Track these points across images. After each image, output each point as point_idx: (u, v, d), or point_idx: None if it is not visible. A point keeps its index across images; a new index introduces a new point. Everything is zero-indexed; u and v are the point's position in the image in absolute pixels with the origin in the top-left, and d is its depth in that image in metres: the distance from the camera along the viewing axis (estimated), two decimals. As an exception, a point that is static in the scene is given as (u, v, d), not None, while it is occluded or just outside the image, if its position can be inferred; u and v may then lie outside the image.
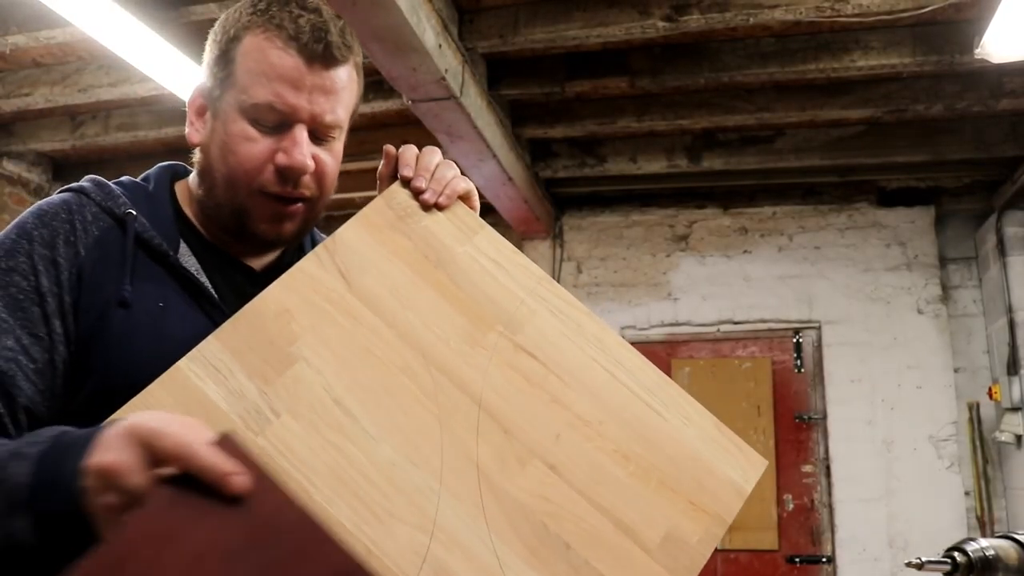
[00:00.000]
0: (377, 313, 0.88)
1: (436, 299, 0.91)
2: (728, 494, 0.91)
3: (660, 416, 0.93)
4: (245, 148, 0.91)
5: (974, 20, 3.05)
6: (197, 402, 0.76)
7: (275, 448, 0.76)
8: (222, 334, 0.81)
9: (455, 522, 0.79)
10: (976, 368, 4.51)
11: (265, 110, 0.91)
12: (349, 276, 0.89)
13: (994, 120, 3.97)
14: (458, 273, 0.94)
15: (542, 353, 0.92)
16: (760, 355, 4.70)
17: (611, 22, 3.06)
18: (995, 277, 4.35)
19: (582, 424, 0.89)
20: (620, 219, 4.95)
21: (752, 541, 4.40)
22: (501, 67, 3.58)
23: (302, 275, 0.87)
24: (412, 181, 0.97)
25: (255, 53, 0.91)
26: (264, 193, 0.92)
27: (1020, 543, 1.06)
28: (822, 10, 2.92)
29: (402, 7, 2.49)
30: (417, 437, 0.82)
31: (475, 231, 0.98)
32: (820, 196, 4.76)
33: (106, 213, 0.91)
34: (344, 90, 0.95)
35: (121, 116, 4.03)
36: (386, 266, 0.91)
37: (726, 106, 3.82)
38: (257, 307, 0.84)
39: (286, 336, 0.83)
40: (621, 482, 0.87)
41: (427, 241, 0.95)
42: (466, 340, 0.90)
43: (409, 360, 0.86)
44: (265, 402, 0.78)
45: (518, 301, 0.94)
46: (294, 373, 0.81)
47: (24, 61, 3.61)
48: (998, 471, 4.38)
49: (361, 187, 4.67)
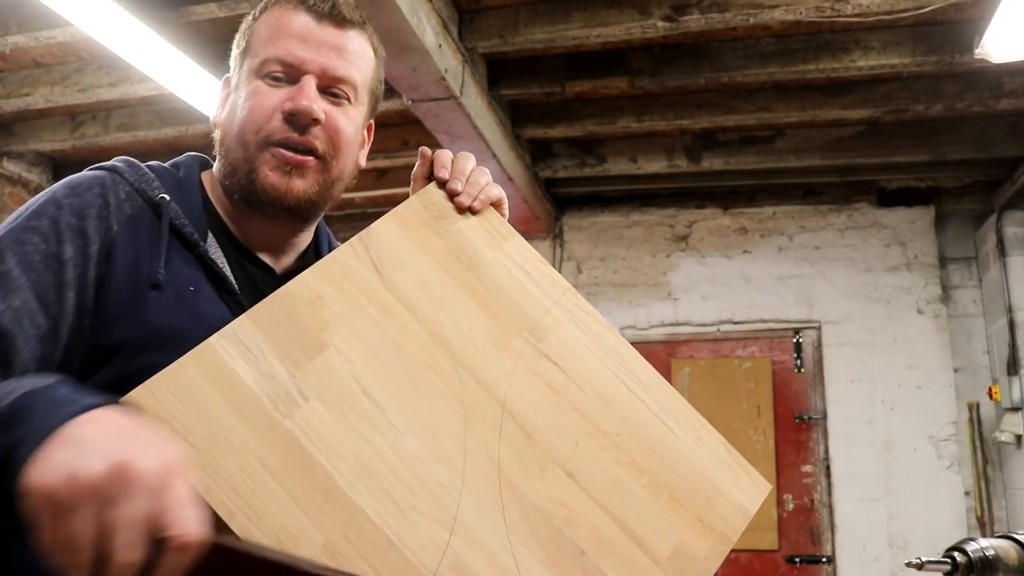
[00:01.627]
0: (408, 308, 0.88)
1: (465, 300, 0.92)
2: (734, 514, 0.93)
3: (673, 433, 0.95)
4: (254, 102, 0.93)
5: (974, 20, 3.05)
6: (226, 380, 0.75)
7: (302, 432, 0.75)
8: (255, 314, 0.80)
9: (476, 520, 0.79)
10: (976, 368, 4.51)
11: (274, 63, 0.93)
12: (382, 269, 0.89)
13: (994, 120, 3.98)
14: (487, 277, 0.95)
15: (564, 362, 0.93)
16: (760, 355, 4.70)
17: (611, 22, 3.06)
18: (995, 277, 4.35)
19: (600, 435, 0.90)
20: (620, 219, 4.95)
21: (752, 541, 4.40)
22: (501, 67, 3.58)
23: (337, 264, 0.87)
24: (448, 183, 0.98)
25: (269, 21, 0.95)
26: (272, 143, 0.92)
27: (1020, 543, 1.06)
28: (822, 10, 2.92)
29: (402, 7, 2.49)
30: (442, 434, 0.82)
31: (505, 238, 0.99)
32: (820, 196, 4.76)
33: (138, 194, 0.91)
34: (357, 54, 0.96)
35: (121, 116, 4.03)
36: (419, 263, 0.92)
37: (726, 106, 3.82)
38: (291, 291, 0.83)
39: (318, 322, 0.82)
40: (635, 494, 0.88)
41: (459, 243, 0.95)
42: (493, 343, 0.90)
43: (437, 358, 0.86)
44: (294, 385, 0.78)
45: (543, 310, 0.96)
46: (324, 359, 0.80)
47: (24, 61, 3.61)
48: (998, 471, 4.38)
49: (361, 187, 4.67)
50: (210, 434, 0.71)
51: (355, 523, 0.73)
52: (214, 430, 0.72)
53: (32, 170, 4.47)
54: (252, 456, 0.72)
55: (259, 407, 0.75)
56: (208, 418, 0.72)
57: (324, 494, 0.73)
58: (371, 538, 0.73)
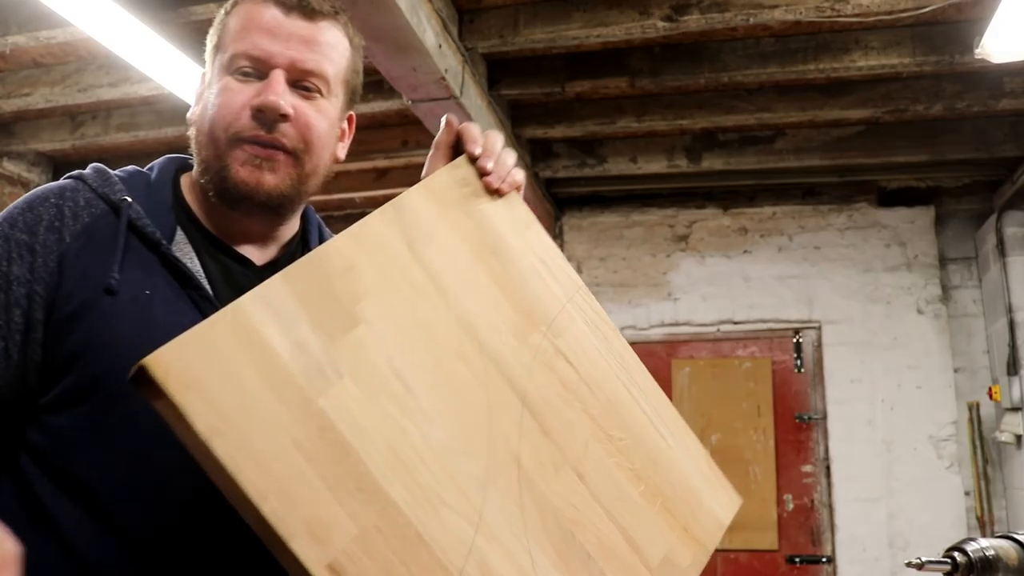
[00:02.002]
0: (437, 288, 0.83)
1: (491, 286, 0.88)
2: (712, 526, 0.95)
3: (667, 443, 0.95)
4: (224, 98, 0.91)
5: (974, 20, 3.05)
6: (258, 347, 0.68)
7: (335, 412, 0.70)
8: (288, 277, 0.73)
9: (498, 517, 0.77)
10: (976, 368, 4.51)
11: (241, 58, 0.91)
12: (413, 243, 0.84)
13: (994, 120, 3.97)
14: (511, 264, 0.91)
15: (577, 362, 0.92)
16: (760, 355, 4.70)
17: (611, 22, 3.06)
18: (995, 277, 4.35)
19: (606, 438, 0.89)
20: (620, 219, 4.95)
21: (752, 541, 4.40)
22: (501, 67, 3.58)
23: (370, 231, 0.81)
24: (479, 160, 0.93)
25: (239, 16, 0.94)
26: (241, 139, 0.91)
27: (1020, 543, 1.06)
28: (822, 10, 2.92)
29: (402, 7, 2.49)
30: (468, 425, 0.79)
31: (528, 225, 0.96)
32: (820, 196, 4.76)
33: (101, 199, 0.91)
34: (329, 45, 0.94)
35: (121, 116, 4.02)
36: (448, 241, 0.87)
37: (726, 106, 3.82)
38: (324, 257, 0.77)
39: (351, 294, 0.77)
40: (634, 501, 0.88)
41: (486, 225, 0.91)
42: (514, 334, 0.87)
43: (464, 344, 0.83)
44: (328, 360, 0.72)
45: (560, 305, 0.94)
46: (357, 335, 0.75)
47: (24, 61, 3.61)
48: (998, 471, 4.38)
49: (361, 187, 4.68)
50: (240, 406, 0.65)
51: (387, 515, 0.69)
52: (245, 402, 0.65)
53: (32, 170, 4.47)
54: (285, 435, 0.66)
55: (292, 381, 0.69)
56: (239, 388, 0.66)
57: (357, 482, 0.69)
58: (402, 532, 0.70)
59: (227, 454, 0.62)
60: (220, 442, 0.63)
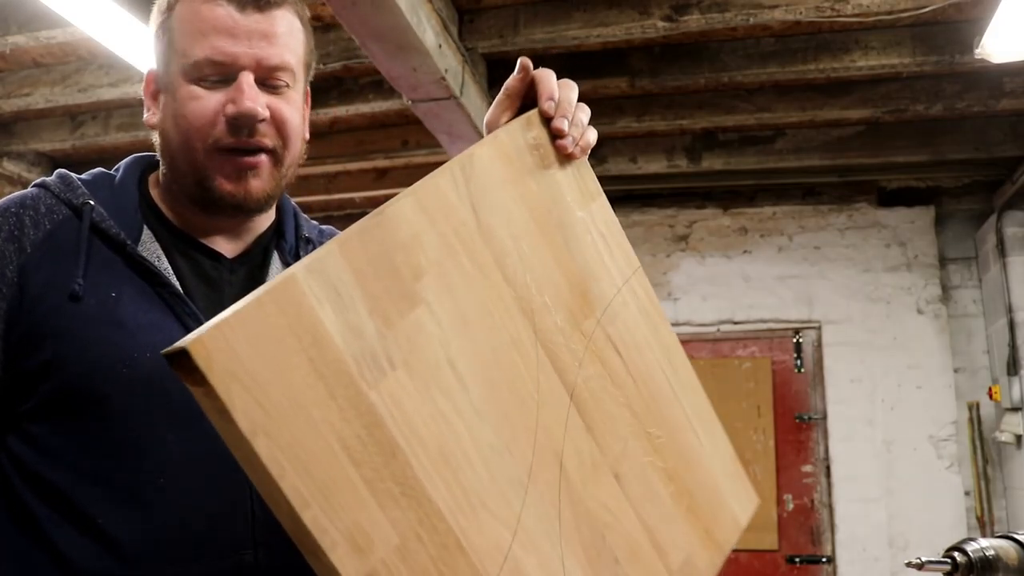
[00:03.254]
0: (500, 266, 0.76)
1: (551, 264, 0.81)
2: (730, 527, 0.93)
3: (700, 441, 0.92)
4: (193, 107, 0.88)
5: (974, 20, 3.05)
6: (311, 330, 0.61)
7: (386, 408, 0.64)
8: (347, 247, 0.65)
9: (535, 523, 0.73)
10: (976, 368, 4.51)
11: (205, 65, 0.88)
12: (479, 210, 0.76)
13: (994, 120, 3.97)
14: (573, 239, 0.85)
15: (627, 352, 0.86)
16: (760, 355, 4.70)
17: (611, 22, 3.06)
18: (995, 277, 4.35)
19: (645, 436, 0.86)
20: (620, 219, 4.82)
21: (752, 541, 4.40)
22: (501, 67, 3.58)
23: (436, 194, 0.73)
24: (554, 120, 0.87)
25: (187, 15, 0.89)
26: (220, 149, 0.89)
27: (1020, 543, 1.06)
28: (822, 10, 2.92)
29: (402, 7, 2.49)
30: (515, 421, 0.73)
31: (594, 197, 0.90)
32: (820, 196, 4.76)
33: (64, 204, 0.90)
34: (287, 34, 0.92)
35: (121, 116, 4.02)
36: (515, 210, 0.79)
37: (726, 106, 3.82)
38: (387, 223, 0.69)
39: (413, 268, 0.69)
40: (663, 502, 0.86)
41: (553, 195, 0.84)
42: (569, 320, 0.81)
43: (520, 331, 0.76)
44: (383, 348, 0.65)
45: (616, 288, 0.88)
46: (416, 319, 0.68)
47: (24, 61, 3.61)
48: (998, 471, 4.38)
49: (361, 187, 4.68)
50: (290, 400, 0.59)
51: (428, 521, 0.65)
52: (293, 395, 0.59)
53: (32, 170, 4.47)
54: (332, 433, 0.61)
55: (344, 371, 0.62)
56: (287, 379, 0.59)
57: (401, 486, 0.64)
58: (442, 539, 0.66)
59: (271, 456, 0.57)
60: (264, 442, 0.57)
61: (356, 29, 2.57)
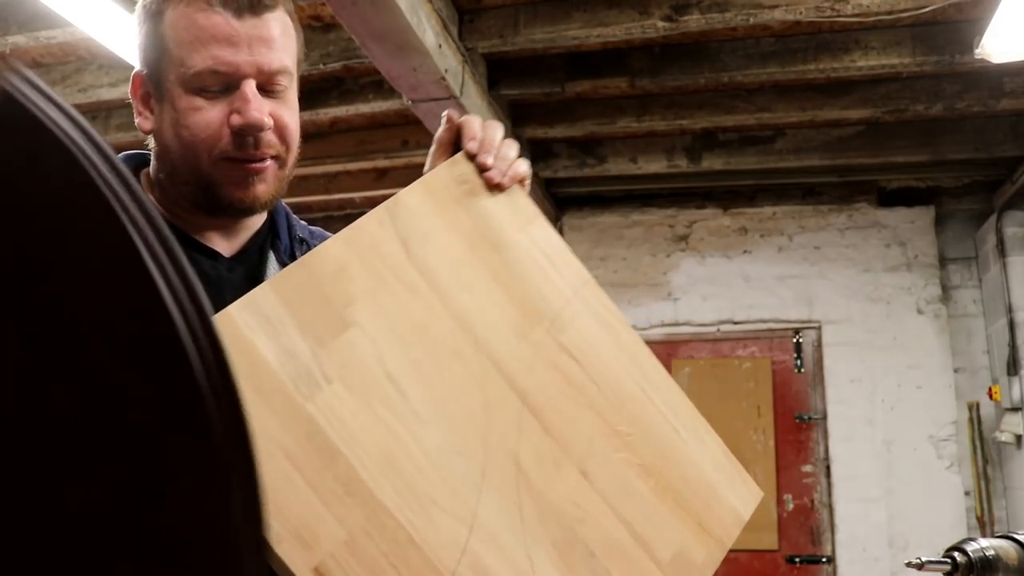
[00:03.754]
0: (433, 288, 0.83)
1: (490, 284, 0.87)
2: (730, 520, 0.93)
3: (680, 436, 0.94)
4: (196, 119, 0.88)
5: (974, 20, 3.05)
6: (245, 355, 0.69)
7: (324, 417, 0.70)
8: (277, 283, 0.74)
9: (494, 518, 0.76)
10: (976, 368, 4.51)
11: (207, 76, 0.87)
12: (409, 244, 0.83)
13: (994, 120, 3.97)
14: (512, 260, 0.90)
15: (583, 357, 0.90)
16: (760, 355, 4.70)
17: (611, 22, 3.06)
18: (995, 277, 4.35)
19: (613, 434, 0.88)
20: (620, 219, 4.95)
21: (752, 541, 4.40)
22: (501, 67, 3.58)
23: (363, 233, 0.81)
24: (478, 156, 0.92)
25: (182, 22, 0.87)
26: (227, 159, 0.89)
27: (1020, 543, 1.06)
28: (822, 10, 2.92)
29: (402, 7, 2.49)
30: (464, 425, 0.78)
31: (531, 220, 0.94)
32: (820, 196, 4.76)
33: None
34: (283, 36, 0.91)
35: (121, 116, 4.02)
36: (445, 240, 0.86)
37: (726, 106, 3.82)
38: (316, 261, 0.77)
39: (342, 297, 0.77)
40: (642, 497, 0.87)
41: (486, 221, 0.90)
42: (515, 332, 0.86)
43: (461, 344, 0.82)
44: (317, 365, 0.72)
45: (564, 300, 0.92)
46: (348, 338, 0.75)
47: (24, 61, 3.60)
48: (998, 471, 4.38)
49: (361, 187, 4.68)
50: None
51: (376, 519, 0.70)
52: None
53: (32, 170, 4.47)
54: (272, 442, 0.67)
55: (280, 387, 0.69)
56: None
57: (346, 486, 0.69)
58: (392, 535, 0.70)
59: None
60: None
61: (356, 29, 2.57)
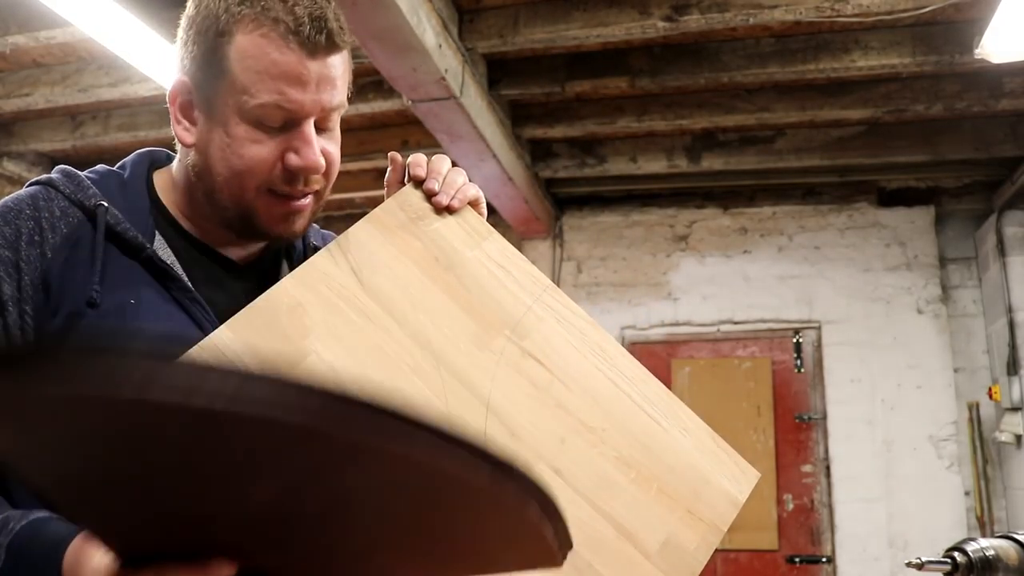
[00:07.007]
0: (389, 312, 0.87)
1: (446, 301, 0.91)
2: (723, 504, 0.94)
3: (659, 426, 0.94)
4: (252, 151, 0.87)
5: (974, 20, 3.05)
6: None
7: None
8: (235, 325, 0.79)
9: None
10: (976, 368, 4.52)
11: (271, 110, 0.85)
12: (361, 274, 0.88)
13: (994, 120, 3.98)
14: (467, 277, 0.94)
15: (548, 359, 0.92)
16: (760, 355, 4.70)
17: (611, 22, 3.06)
18: (995, 277, 4.35)
19: (586, 430, 0.89)
20: (620, 219, 4.95)
21: (752, 541, 4.40)
22: (501, 67, 3.58)
23: (315, 270, 0.86)
24: (425, 183, 0.95)
25: (253, 51, 0.84)
26: (272, 192, 0.89)
27: (1020, 543, 1.06)
28: (822, 10, 2.92)
29: (402, 7, 2.49)
30: None
31: (484, 236, 0.98)
32: (820, 196, 4.76)
33: (76, 206, 0.88)
34: (344, 73, 0.91)
35: (121, 116, 4.03)
36: (397, 266, 0.91)
37: (726, 106, 3.82)
38: (270, 300, 0.82)
39: (299, 330, 0.82)
40: (623, 488, 0.88)
41: (437, 243, 0.95)
42: (474, 343, 0.90)
43: (419, 360, 0.86)
44: None
45: (525, 307, 0.95)
46: (307, 366, 0.80)
47: (24, 61, 3.61)
48: (998, 471, 4.38)
49: (361, 187, 4.68)
50: None
51: None
52: None
53: (32, 170, 4.47)
54: None
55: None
56: None
57: None
58: None
59: None
60: None
61: (356, 29, 2.57)
